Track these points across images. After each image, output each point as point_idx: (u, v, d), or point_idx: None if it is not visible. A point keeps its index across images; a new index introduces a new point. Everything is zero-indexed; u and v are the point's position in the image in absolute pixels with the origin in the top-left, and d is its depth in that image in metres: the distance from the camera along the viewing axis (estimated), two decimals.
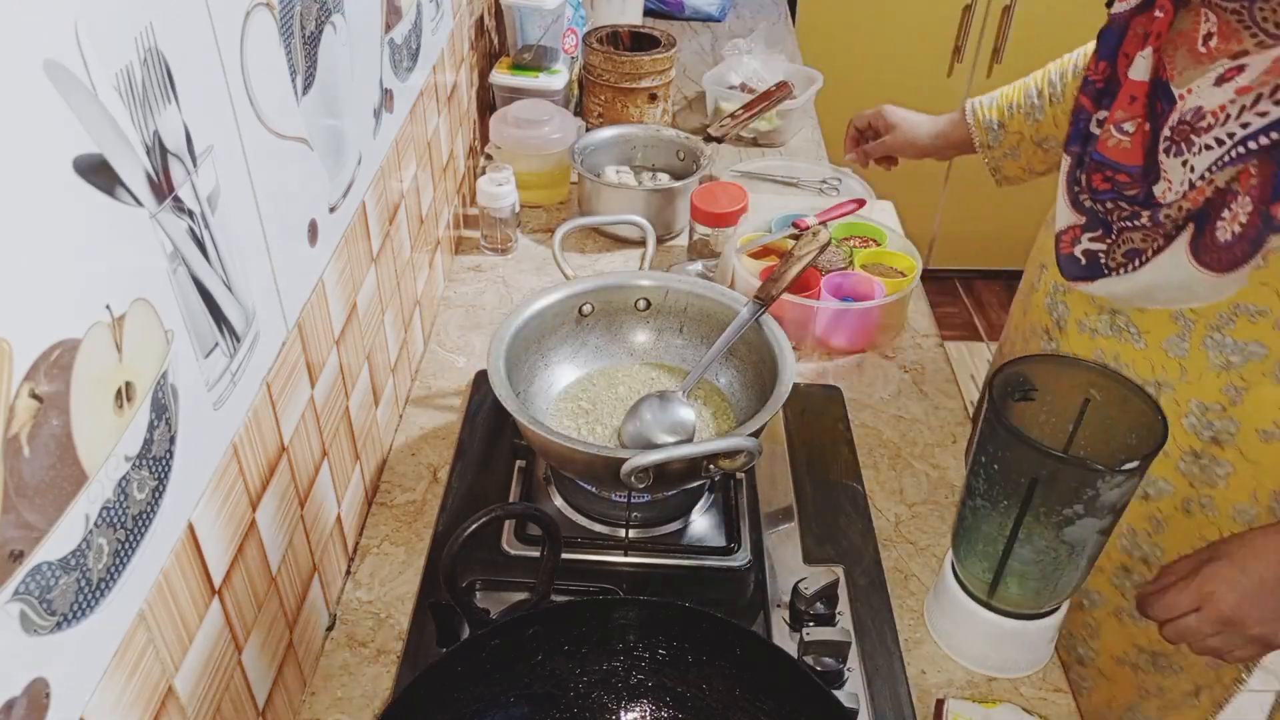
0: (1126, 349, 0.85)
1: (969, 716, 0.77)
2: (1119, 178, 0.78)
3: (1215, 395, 0.81)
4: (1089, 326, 0.88)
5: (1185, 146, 0.72)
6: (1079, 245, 0.83)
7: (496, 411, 1.04)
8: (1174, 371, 0.82)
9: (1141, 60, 0.76)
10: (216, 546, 0.61)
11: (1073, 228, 0.84)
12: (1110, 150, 0.78)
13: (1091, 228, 0.82)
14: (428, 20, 1.11)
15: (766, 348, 0.92)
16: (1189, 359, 0.81)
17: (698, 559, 0.90)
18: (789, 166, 1.58)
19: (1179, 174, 0.73)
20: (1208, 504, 0.85)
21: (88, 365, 0.45)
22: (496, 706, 0.69)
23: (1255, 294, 0.75)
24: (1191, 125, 0.72)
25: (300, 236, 0.73)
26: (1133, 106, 0.76)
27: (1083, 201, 0.83)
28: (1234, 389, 0.80)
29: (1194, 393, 0.82)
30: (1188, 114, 0.72)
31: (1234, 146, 0.69)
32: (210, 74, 0.57)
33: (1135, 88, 0.76)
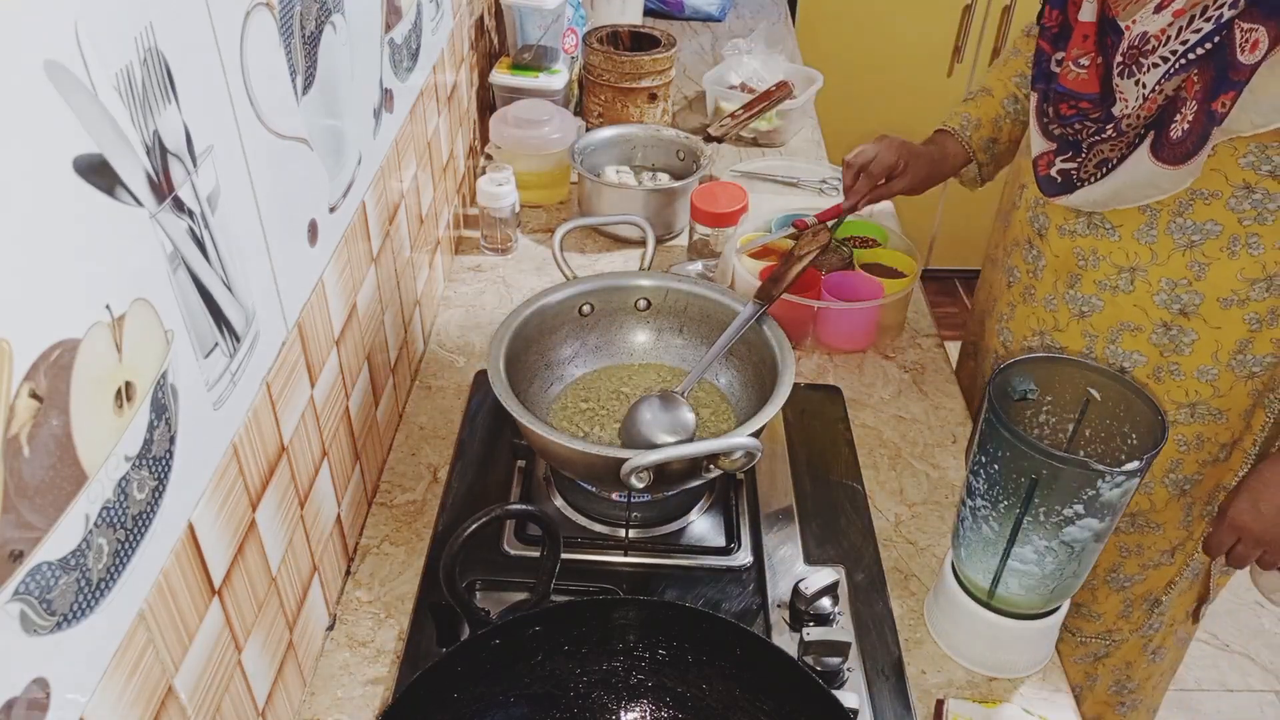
0: (1103, 243, 0.96)
1: (969, 716, 0.77)
2: (1082, 104, 0.90)
3: (1182, 272, 0.92)
4: (1068, 230, 0.98)
5: (1136, 68, 0.84)
6: (1054, 167, 0.95)
7: (496, 411, 1.04)
8: (1145, 256, 0.93)
9: (1088, 4, 0.88)
10: (216, 546, 0.61)
11: (1046, 153, 0.96)
12: (1071, 82, 0.90)
13: (1062, 151, 0.94)
14: (428, 20, 1.11)
15: (766, 348, 0.92)
16: (1158, 243, 0.92)
17: (698, 559, 0.90)
18: (789, 166, 1.58)
19: (1133, 92, 0.85)
20: (1175, 369, 0.97)
21: (88, 365, 0.45)
22: (496, 706, 0.69)
23: (1207, 179, 0.87)
24: (1139, 49, 0.84)
25: (300, 236, 0.73)
26: (1085, 44, 0.89)
27: (1052, 130, 0.95)
28: (1197, 265, 0.91)
29: (1164, 272, 0.93)
30: (1135, 40, 0.84)
31: (1177, 60, 0.81)
32: (210, 74, 0.57)
33: (1086, 28, 0.88)
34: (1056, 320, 1.03)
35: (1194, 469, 1.01)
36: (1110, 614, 1.14)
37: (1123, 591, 1.12)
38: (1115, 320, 0.97)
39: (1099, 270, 0.97)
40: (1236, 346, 0.94)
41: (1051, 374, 0.80)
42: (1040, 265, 1.03)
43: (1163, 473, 1.02)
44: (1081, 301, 1.00)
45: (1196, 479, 1.02)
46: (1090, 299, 0.99)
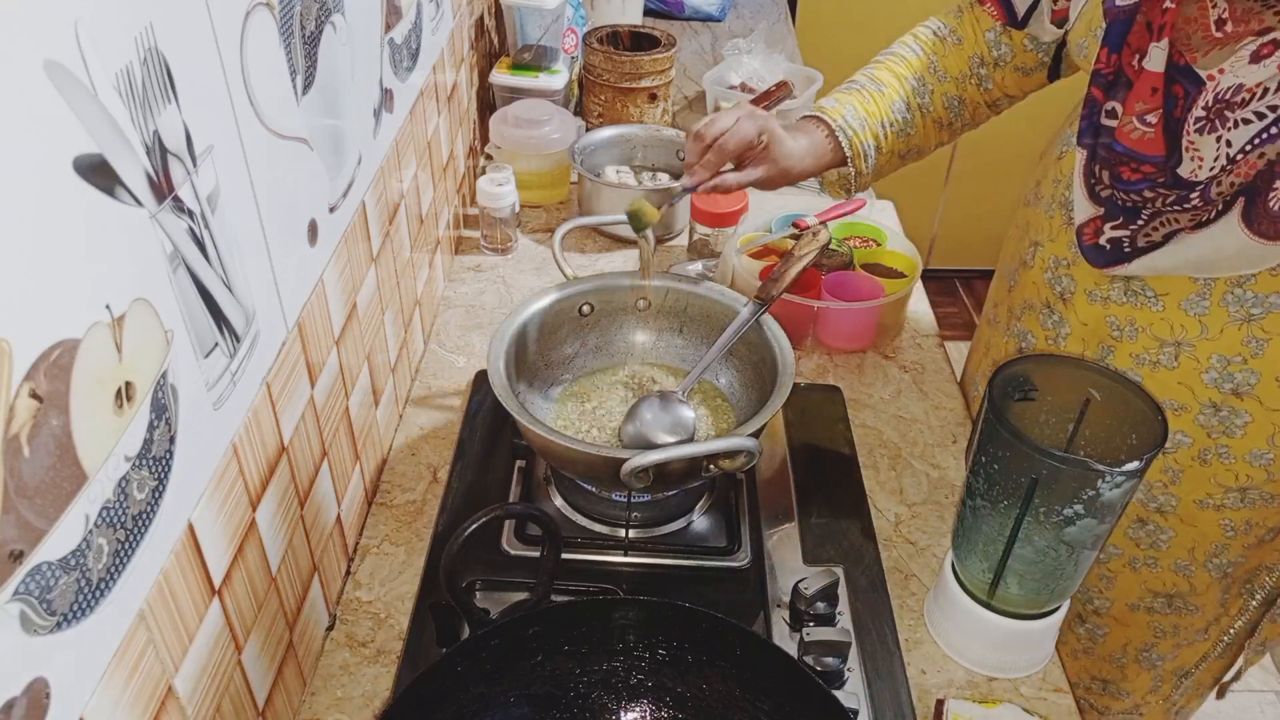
0: (1143, 313, 0.86)
1: (969, 716, 0.77)
2: (1144, 168, 0.79)
3: (1236, 348, 0.83)
4: (1100, 296, 0.89)
5: (1220, 123, 0.75)
6: (1102, 235, 0.85)
7: (496, 411, 1.04)
8: (1194, 329, 0.84)
9: (1157, 51, 0.77)
10: (216, 546, 0.61)
11: (1094, 220, 0.85)
12: (1133, 142, 0.80)
13: (1112, 217, 0.84)
14: (428, 20, 1.11)
15: (766, 348, 0.92)
16: (1209, 316, 0.83)
17: (698, 559, 0.90)
18: None
19: (1211, 150, 0.75)
20: (1224, 452, 0.87)
21: (88, 365, 0.45)
22: (496, 706, 0.69)
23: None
24: (1227, 103, 0.74)
25: (300, 236, 0.73)
26: (1154, 98, 0.78)
27: (1100, 193, 0.84)
28: (1255, 340, 0.82)
29: (1215, 348, 0.84)
30: (1225, 92, 0.74)
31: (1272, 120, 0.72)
32: (210, 74, 0.57)
33: (1154, 79, 0.78)
34: None
35: (1239, 553, 0.94)
36: (1139, 691, 1.07)
37: (1154, 670, 1.05)
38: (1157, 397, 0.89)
39: (1136, 343, 0.87)
40: None
41: (1051, 374, 0.79)
42: (1063, 333, 0.94)
43: (1205, 557, 0.94)
44: None
45: (1240, 561, 0.95)
46: (1126, 373, 0.89)
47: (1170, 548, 0.94)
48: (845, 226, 1.30)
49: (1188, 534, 0.93)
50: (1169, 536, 0.94)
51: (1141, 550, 0.96)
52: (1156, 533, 0.94)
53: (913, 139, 1.04)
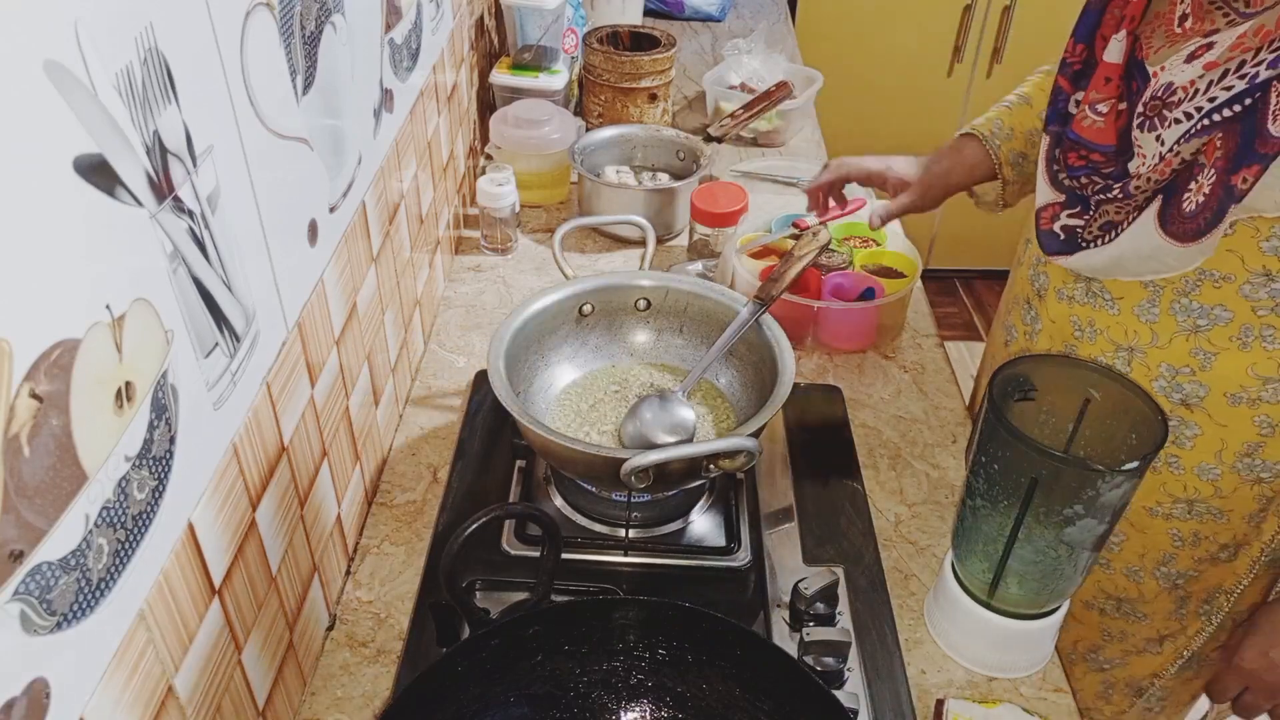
0: (1101, 315, 0.87)
1: (969, 716, 0.77)
2: (1093, 156, 0.81)
3: (1184, 359, 0.83)
4: (1066, 294, 0.90)
5: (1158, 121, 0.76)
6: (1058, 221, 0.86)
7: (496, 411, 1.04)
8: (1145, 336, 0.85)
9: (1116, 43, 0.78)
10: (216, 546, 0.61)
11: (1052, 205, 0.87)
12: (1085, 130, 0.81)
13: (1070, 205, 0.85)
14: (428, 20, 1.11)
15: (766, 348, 0.92)
16: (1159, 324, 0.83)
17: (698, 559, 0.90)
18: (789, 166, 1.58)
19: (1152, 148, 0.76)
20: (1174, 463, 0.88)
21: (88, 365, 0.45)
22: (496, 706, 0.69)
23: (1220, 260, 0.77)
24: (1163, 100, 0.75)
25: (300, 236, 0.73)
26: (1107, 87, 0.79)
27: (1061, 179, 0.85)
28: (1202, 353, 0.82)
29: (1164, 357, 0.84)
30: (1159, 90, 0.75)
31: (1200, 119, 0.72)
32: (210, 74, 0.57)
33: (1109, 69, 0.79)
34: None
35: (1189, 565, 0.93)
36: (1087, 693, 1.08)
37: (1102, 673, 1.05)
38: None
39: (1095, 345, 0.89)
40: (1244, 449, 0.84)
41: (1051, 374, 0.79)
42: (1036, 329, 0.96)
43: (1154, 565, 0.94)
44: None
45: (1192, 574, 0.94)
46: None
47: (1122, 550, 0.95)
48: (845, 227, 1.30)
49: (1138, 539, 0.93)
50: (1120, 540, 0.95)
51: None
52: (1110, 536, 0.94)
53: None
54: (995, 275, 3.10)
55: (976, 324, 2.96)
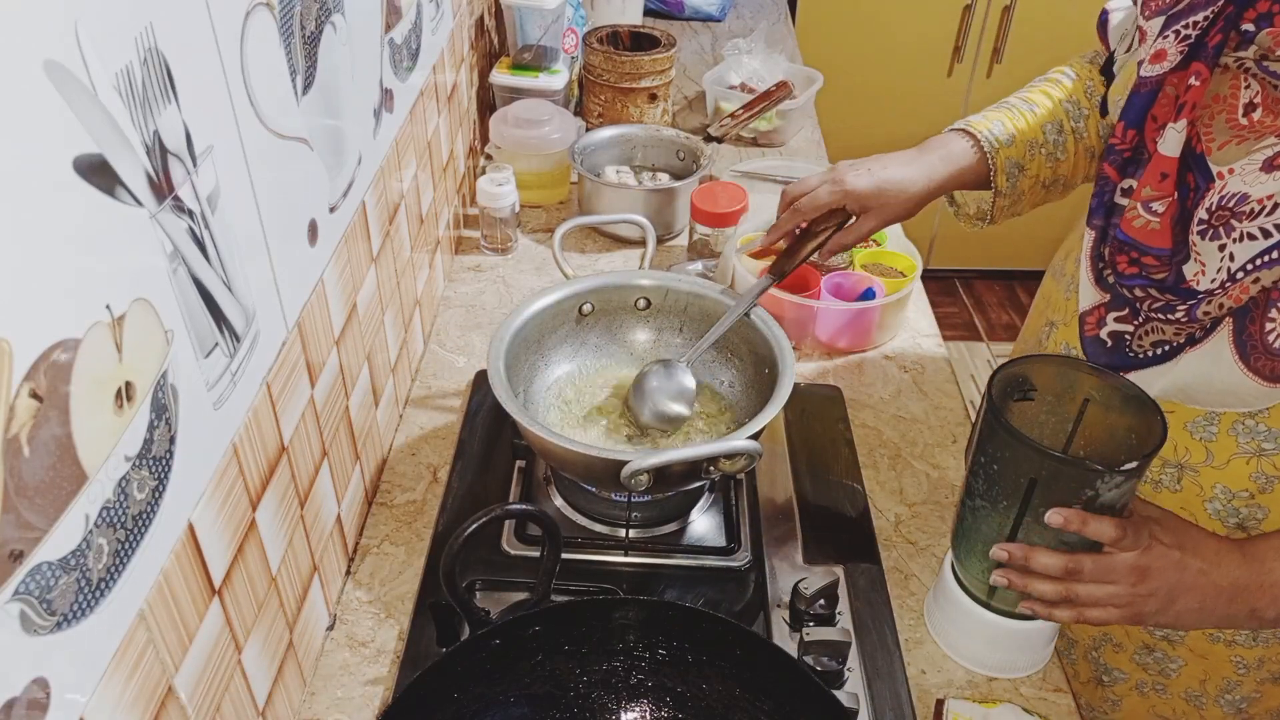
0: None
1: (969, 716, 0.77)
2: (1145, 259, 0.72)
3: (1243, 482, 0.76)
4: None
5: (1224, 231, 0.67)
6: (1105, 327, 0.77)
7: (496, 411, 1.04)
8: (1199, 454, 0.77)
9: (1174, 133, 0.68)
10: (216, 546, 0.61)
11: (1098, 307, 0.78)
12: (1136, 231, 0.71)
13: (1117, 306, 0.76)
14: (428, 20, 1.11)
15: (766, 348, 0.92)
16: (1216, 444, 0.76)
17: (698, 559, 0.90)
18: (789, 166, 1.58)
19: (1215, 259, 0.67)
20: None
21: (88, 365, 0.45)
22: (496, 706, 0.69)
23: None
24: (1232, 211, 0.66)
25: (300, 236, 0.73)
26: (1163, 184, 0.69)
27: (1107, 278, 0.76)
28: (1265, 476, 0.75)
29: (1220, 478, 0.77)
30: (1229, 199, 0.66)
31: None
32: (210, 74, 0.57)
33: (1166, 164, 0.69)
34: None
35: (1252, 688, 0.86)
36: None
37: None
38: None
39: None
40: None
41: (1050, 375, 0.79)
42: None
43: (1217, 692, 0.87)
44: None
45: (1255, 697, 0.87)
46: None
47: (1180, 676, 0.88)
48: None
49: (1198, 665, 0.87)
50: (1178, 665, 0.88)
51: (1149, 675, 0.90)
52: (1165, 660, 0.88)
53: (1061, 165, 0.95)
54: (995, 275, 3.10)
55: (976, 324, 2.96)
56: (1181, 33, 0.69)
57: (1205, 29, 0.68)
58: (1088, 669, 0.93)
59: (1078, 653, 0.93)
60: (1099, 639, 0.91)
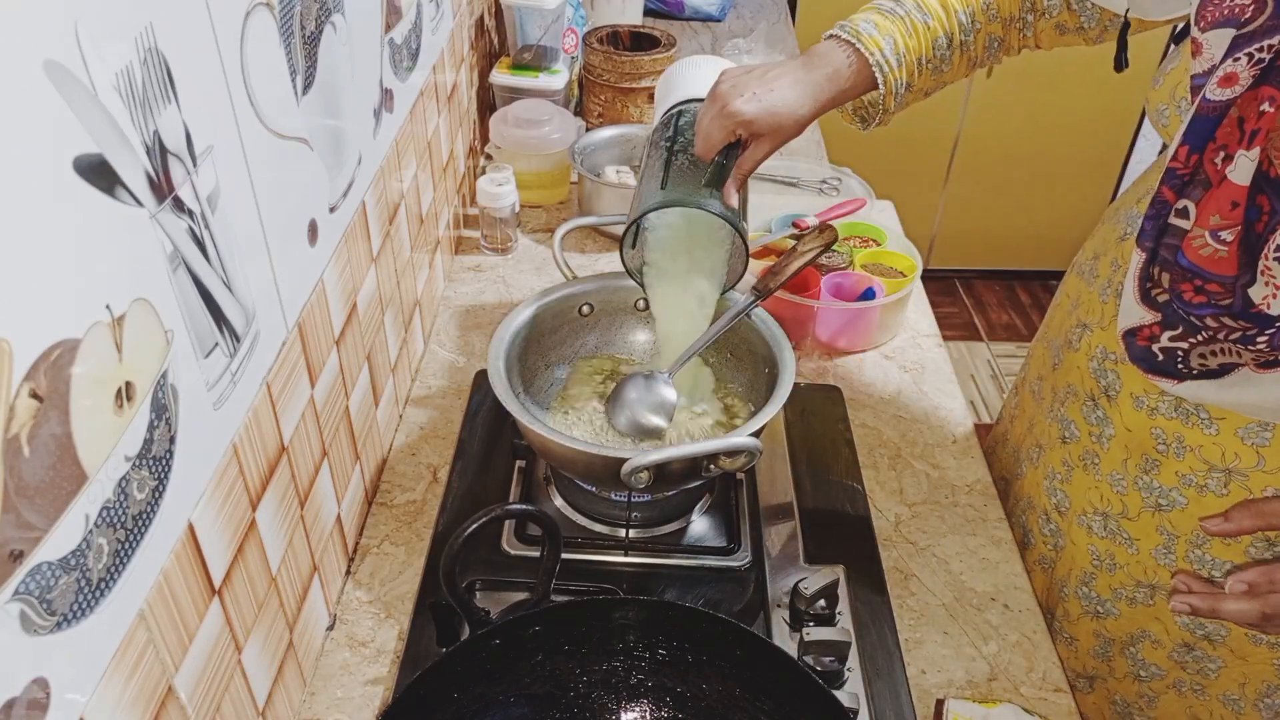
0: (1193, 432, 0.78)
1: (969, 716, 0.77)
2: (1209, 287, 0.70)
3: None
4: (1147, 404, 0.81)
5: None
6: (1157, 343, 0.76)
7: (496, 411, 1.04)
8: (1250, 459, 0.76)
9: (1246, 161, 0.66)
10: (216, 546, 0.61)
11: (1150, 325, 0.76)
12: (1203, 259, 0.69)
13: (1170, 325, 0.74)
14: (428, 20, 1.11)
15: (766, 348, 0.92)
16: (1270, 449, 0.75)
17: (698, 559, 0.90)
18: (789, 166, 1.58)
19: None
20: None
21: (88, 365, 0.45)
22: (496, 706, 0.69)
23: None
24: None
25: (300, 236, 0.73)
26: (1234, 213, 0.67)
27: (1157, 298, 0.75)
28: None
29: (1272, 481, 0.76)
30: None
31: None
32: (210, 74, 0.57)
33: (1237, 192, 0.67)
34: (1125, 506, 0.86)
35: None
36: None
37: None
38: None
39: (1183, 462, 0.79)
40: None
41: None
42: (1107, 434, 0.86)
43: (1256, 696, 0.86)
44: (1159, 493, 0.82)
45: None
46: (1169, 492, 0.81)
47: (1219, 678, 0.87)
48: (845, 226, 1.30)
49: (1238, 667, 0.86)
50: (1218, 666, 0.87)
51: (1188, 675, 0.89)
52: (1204, 660, 0.87)
53: (944, 76, 0.96)
54: (995, 275, 3.10)
55: (976, 324, 2.96)
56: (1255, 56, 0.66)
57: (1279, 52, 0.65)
58: (1124, 664, 0.93)
59: (1114, 649, 0.93)
60: (1136, 635, 0.90)
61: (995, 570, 0.93)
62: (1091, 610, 0.93)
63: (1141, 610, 0.89)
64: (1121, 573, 0.89)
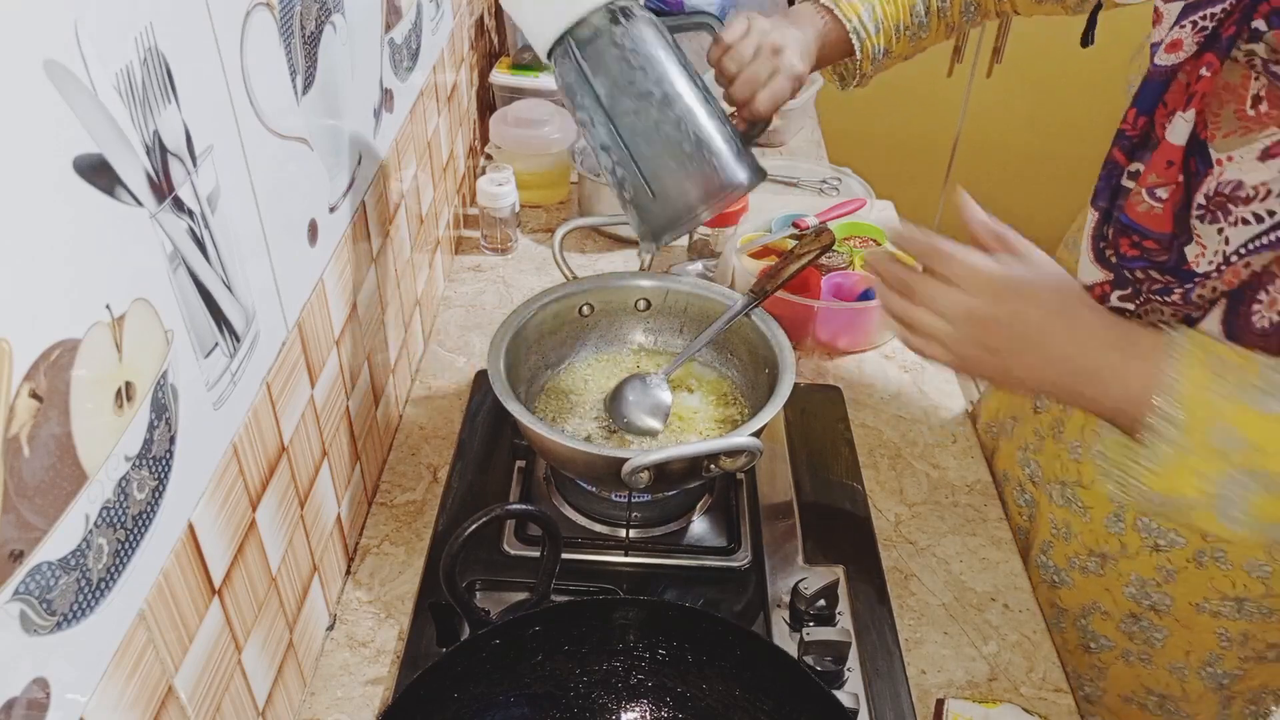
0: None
1: (969, 716, 0.77)
2: (1146, 243, 0.73)
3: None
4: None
5: (1221, 215, 0.68)
6: (1108, 302, 0.77)
7: (496, 411, 1.04)
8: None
9: (1182, 122, 0.69)
10: (216, 546, 0.61)
11: (1101, 284, 0.78)
12: (1140, 216, 0.72)
13: (1120, 285, 0.76)
14: (428, 20, 1.11)
15: (767, 348, 0.92)
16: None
17: (698, 559, 0.90)
18: (789, 166, 1.58)
19: (1214, 241, 0.68)
20: (1221, 557, 0.82)
21: (88, 365, 0.45)
22: (496, 706, 0.69)
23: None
24: (1228, 197, 0.67)
25: (300, 236, 0.73)
26: (1169, 171, 0.70)
27: (1109, 258, 0.77)
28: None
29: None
30: (1225, 185, 0.67)
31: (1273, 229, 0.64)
32: (210, 74, 0.57)
33: (1172, 152, 0.70)
34: (1080, 474, 0.88)
35: (1235, 664, 0.87)
36: None
37: None
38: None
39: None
40: None
41: None
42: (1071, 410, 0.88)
43: (1199, 664, 0.88)
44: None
45: (1237, 674, 0.88)
46: None
47: (1165, 647, 0.90)
48: (845, 226, 1.30)
49: (1183, 635, 0.88)
50: (1163, 635, 0.89)
51: (1135, 645, 0.92)
52: (1150, 630, 0.89)
53: (923, 42, 0.99)
54: None
55: None
56: (1199, 23, 0.69)
57: (1221, 20, 0.68)
58: (1075, 636, 0.94)
59: (1066, 620, 0.94)
60: (1088, 607, 0.92)
61: (995, 570, 0.93)
62: (1049, 579, 0.94)
63: (1093, 580, 0.90)
64: (1076, 541, 0.90)
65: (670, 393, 0.93)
